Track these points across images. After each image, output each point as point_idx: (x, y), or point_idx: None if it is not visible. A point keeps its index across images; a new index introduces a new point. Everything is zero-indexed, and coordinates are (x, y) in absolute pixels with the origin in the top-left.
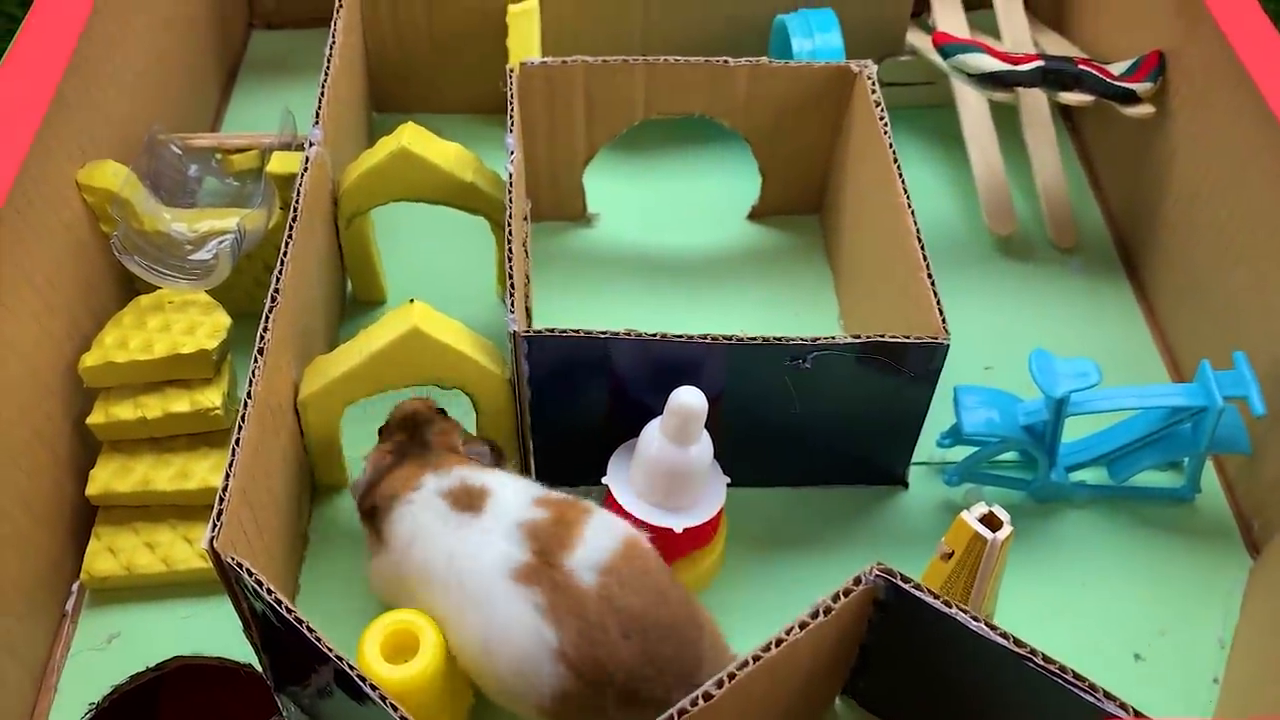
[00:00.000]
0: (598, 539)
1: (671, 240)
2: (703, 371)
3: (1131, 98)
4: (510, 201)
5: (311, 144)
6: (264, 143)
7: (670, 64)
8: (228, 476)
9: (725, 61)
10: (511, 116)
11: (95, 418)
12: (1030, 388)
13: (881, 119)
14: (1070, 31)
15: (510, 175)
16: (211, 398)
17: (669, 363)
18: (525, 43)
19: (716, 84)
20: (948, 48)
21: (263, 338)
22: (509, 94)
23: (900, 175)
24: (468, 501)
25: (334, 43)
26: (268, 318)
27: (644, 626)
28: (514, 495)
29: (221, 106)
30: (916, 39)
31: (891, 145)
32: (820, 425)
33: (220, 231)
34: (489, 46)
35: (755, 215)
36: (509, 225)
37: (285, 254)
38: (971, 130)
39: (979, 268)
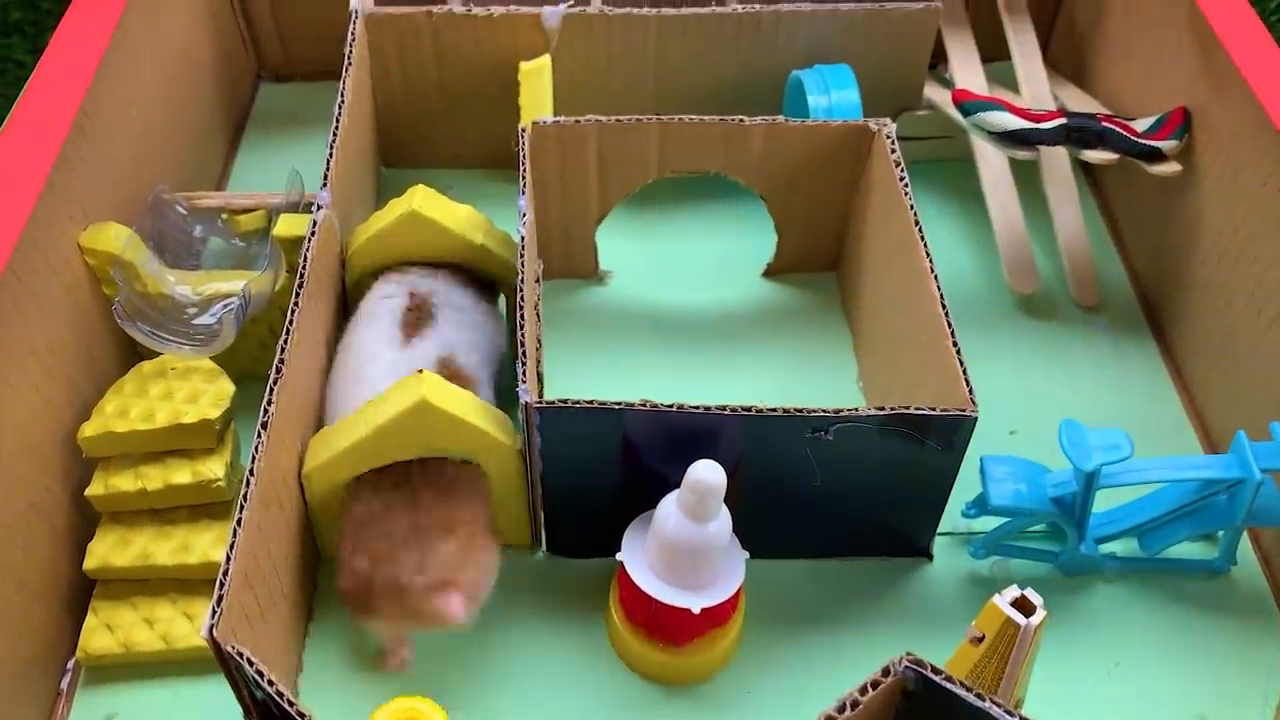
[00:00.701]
0: None
1: (686, 298)
2: (720, 442)
3: (1157, 155)
4: (522, 264)
5: (319, 207)
6: (271, 203)
7: (684, 123)
8: (228, 559)
9: (740, 120)
10: (524, 177)
11: (94, 489)
12: (1057, 453)
13: (901, 179)
14: (1090, 85)
15: (522, 238)
16: (214, 469)
17: (685, 433)
18: (537, 100)
19: (731, 142)
20: (968, 105)
21: (266, 411)
22: (521, 154)
23: (922, 237)
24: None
25: (342, 101)
26: (272, 390)
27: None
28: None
29: (229, 161)
30: (934, 93)
31: (912, 206)
32: (842, 496)
33: (225, 295)
34: (500, 101)
35: (771, 273)
36: (521, 289)
37: (291, 322)
38: (991, 186)
39: (1001, 326)
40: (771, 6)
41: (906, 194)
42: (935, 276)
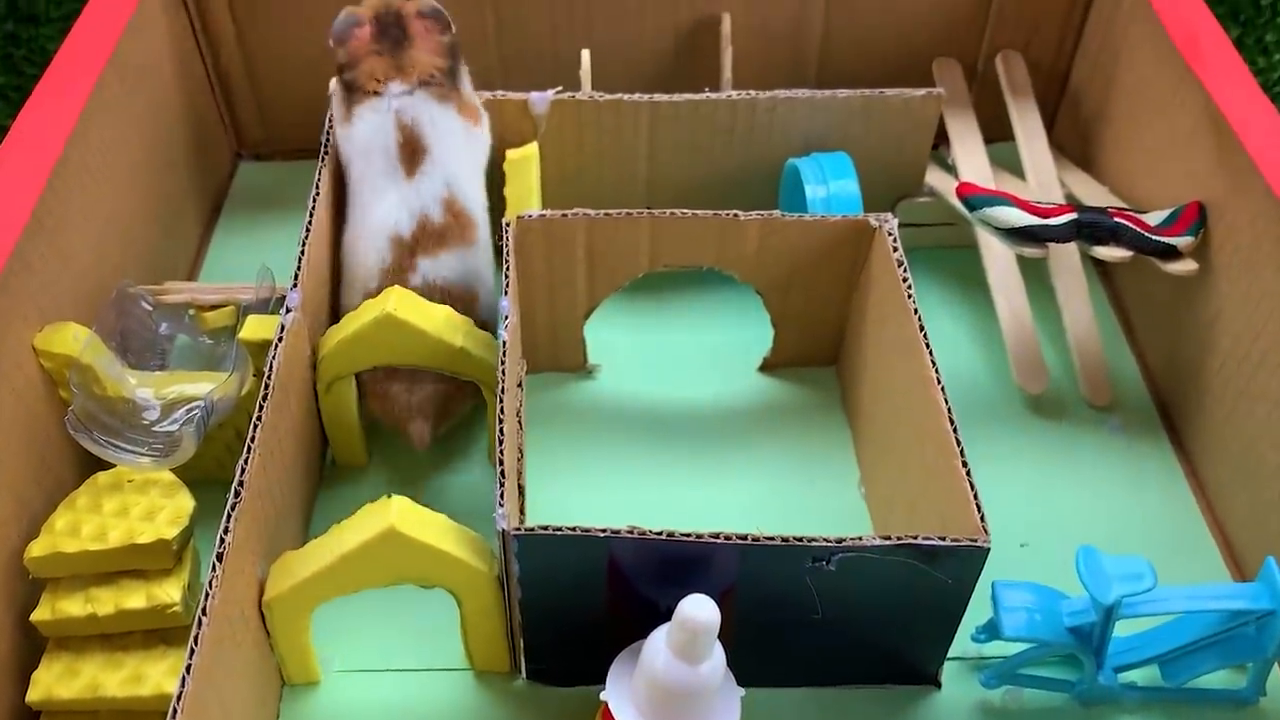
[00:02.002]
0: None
1: (678, 393)
2: (713, 567)
3: (1172, 253)
4: (503, 369)
5: (288, 309)
6: (240, 299)
7: (677, 217)
8: (176, 709)
9: (735, 215)
10: (507, 275)
11: (40, 613)
12: (1070, 567)
13: (904, 279)
14: (1097, 171)
15: (504, 342)
16: (170, 592)
17: (676, 559)
18: (524, 192)
19: (726, 237)
20: (974, 199)
21: (223, 540)
22: (505, 248)
23: (927, 343)
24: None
25: (317, 193)
26: (229, 516)
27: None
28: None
29: (204, 243)
30: (935, 179)
31: (916, 309)
32: (844, 624)
33: (189, 399)
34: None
35: (767, 367)
36: (501, 397)
37: (252, 439)
38: (997, 278)
39: (1008, 426)
40: (767, 93)
41: (910, 295)
42: (942, 388)
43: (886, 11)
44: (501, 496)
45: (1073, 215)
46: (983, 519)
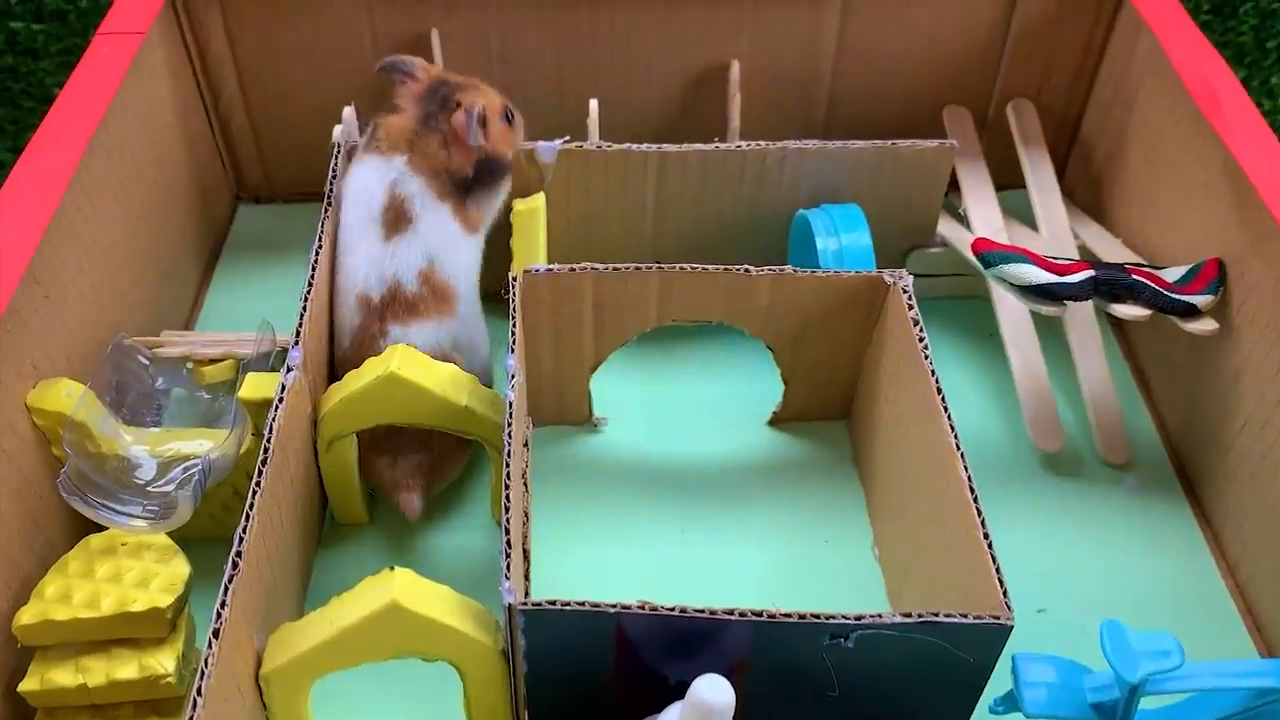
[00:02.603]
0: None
1: (686, 447)
2: (725, 642)
3: (1192, 311)
4: (509, 431)
5: (289, 368)
6: (239, 352)
7: (686, 272)
8: None
9: (745, 269)
10: (513, 331)
11: (29, 684)
12: (1088, 633)
13: (921, 341)
14: (1110, 220)
15: (510, 402)
16: (164, 662)
17: (687, 634)
18: (530, 244)
19: (736, 292)
20: (989, 256)
21: (219, 615)
22: (511, 303)
23: (946, 409)
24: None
25: (320, 246)
26: (226, 589)
27: None
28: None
29: (203, 289)
30: (947, 228)
31: (934, 374)
32: (860, 700)
33: (186, 457)
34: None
35: (777, 421)
36: (507, 460)
37: (251, 506)
38: (1010, 332)
39: (1022, 485)
40: (777, 144)
41: (926, 356)
42: (962, 455)
43: (896, 59)
44: (507, 569)
45: (1090, 272)
46: (1005, 595)
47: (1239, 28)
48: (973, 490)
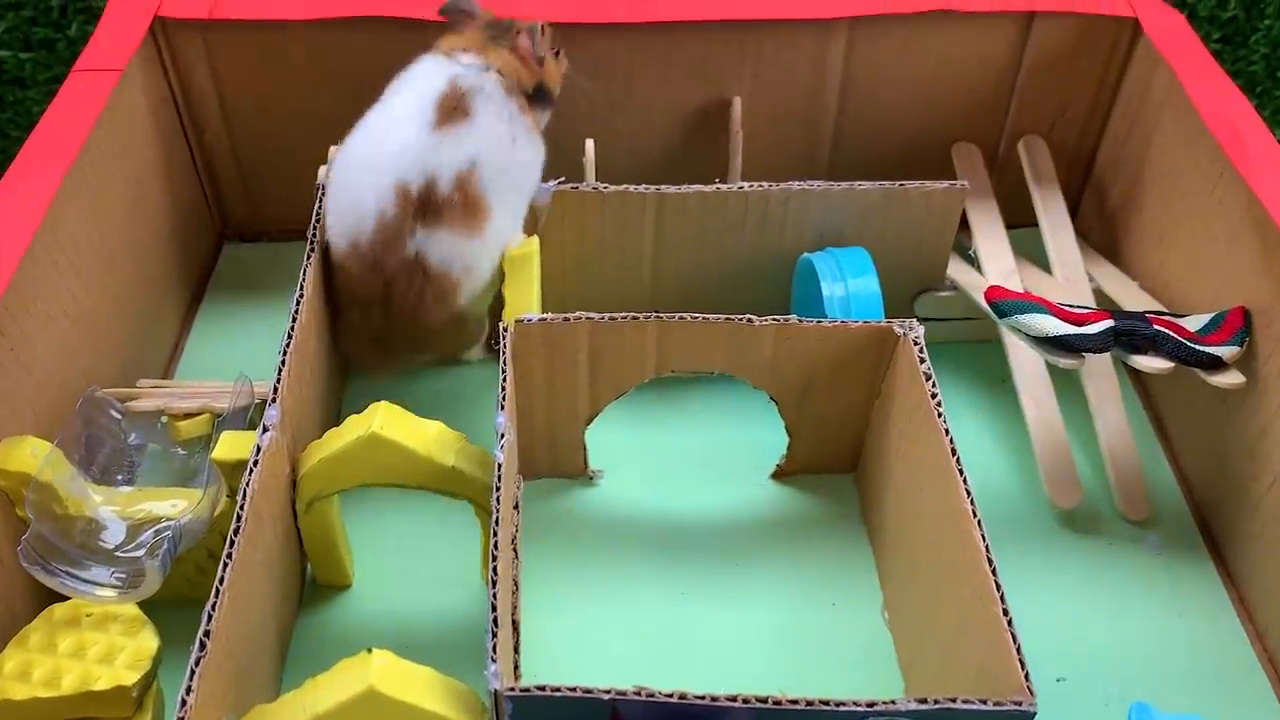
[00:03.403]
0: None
1: (685, 502)
2: None
3: (1217, 364)
4: (498, 494)
5: (265, 428)
6: (215, 407)
7: (686, 322)
8: None
9: (748, 319)
10: (503, 385)
11: None
12: (1110, 703)
13: (934, 397)
14: (1125, 262)
15: (500, 465)
16: None
17: (687, 718)
18: (523, 291)
19: (738, 342)
20: (1003, 305)
21: (184, 702)
22: (502, 354)
23: (961, 471)
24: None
25: (301, 295)
26: (193, 673)
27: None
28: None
29: (184, 329)
30: (957, 271)
31: (949, 433)
32: None
33: (156, 519)
34: None
35: (781, 474)
36: (495, 527)
37: (221, 581)
38: (1024, 381)
39: (1039, 543)
40: (781, 185)
41: (939, 414)
42: (979, 522)
43: (903, 94)
44: (494, 650)
45: (1109, 323)
46: (1027, 677)
47: (1250, 56)
48: (990, 562)
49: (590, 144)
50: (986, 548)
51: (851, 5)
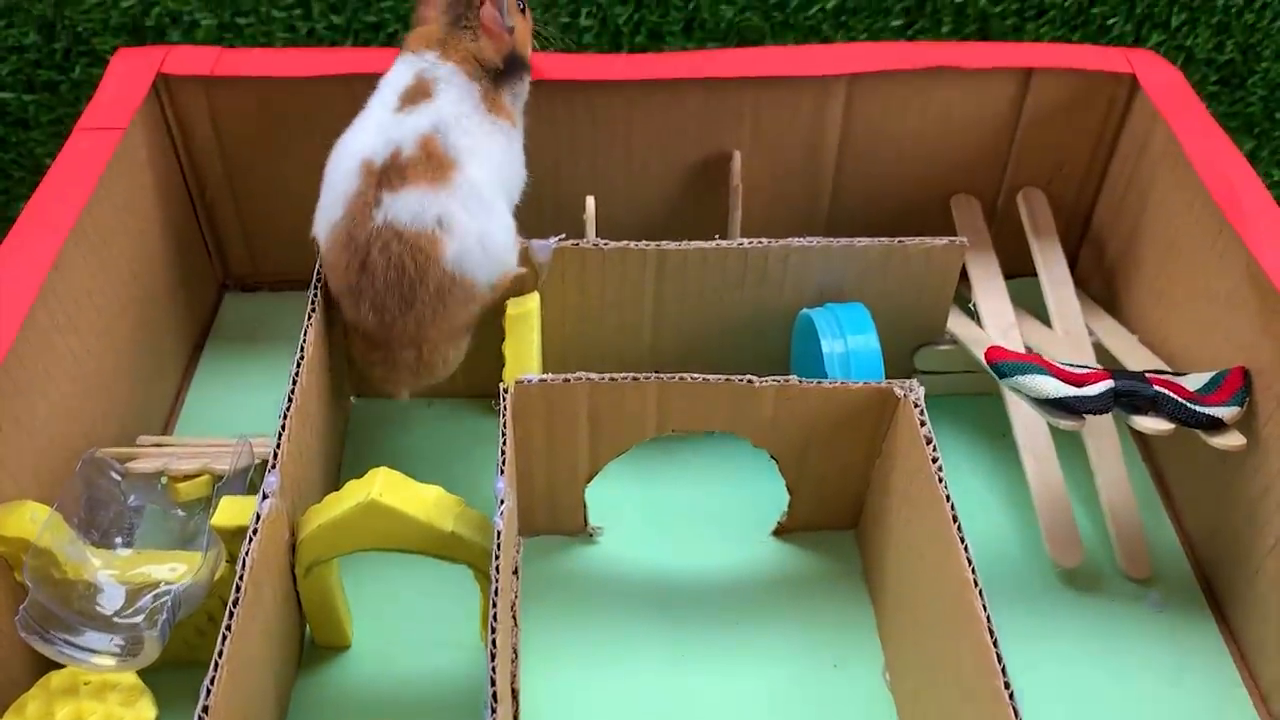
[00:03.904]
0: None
1: (684, 560)
2: None
3: (1217, 425)
4: (498, 561)
5: (265, 495)
6: (216, 469)
7: (686, 382)
8: None
9: (749, 380)
10: (503, 449)
11: None
12: None
13: (935, 461)
14: (1124, 315)
15: (499, 531)
16: None
17: None
18: (523, 350)
19: (739, 402)
20: (1003, 366)
21: None
22: (502, 415)
23: (962, 539)
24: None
25: (302, 356)
26: None
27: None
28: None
29: (185, 381)
30: (957, 325)
31: (949, 499)
32: None
33: (155, 583)
34: (482, 329)
35: (782, 531)
36: (495, 595)
37: (220, 654)
38: (1024, 436)
39: (1040, 601)
40: (780, 242)
41: (940, 479)
42: (980, 591)
43: (903, 147)
44: (492, 713)
45: (1109, 383)
46: None
47: (1248, 98)
48: (992, 633)
49: (591, 201)
50: (988, 618)
51: (850, 63)
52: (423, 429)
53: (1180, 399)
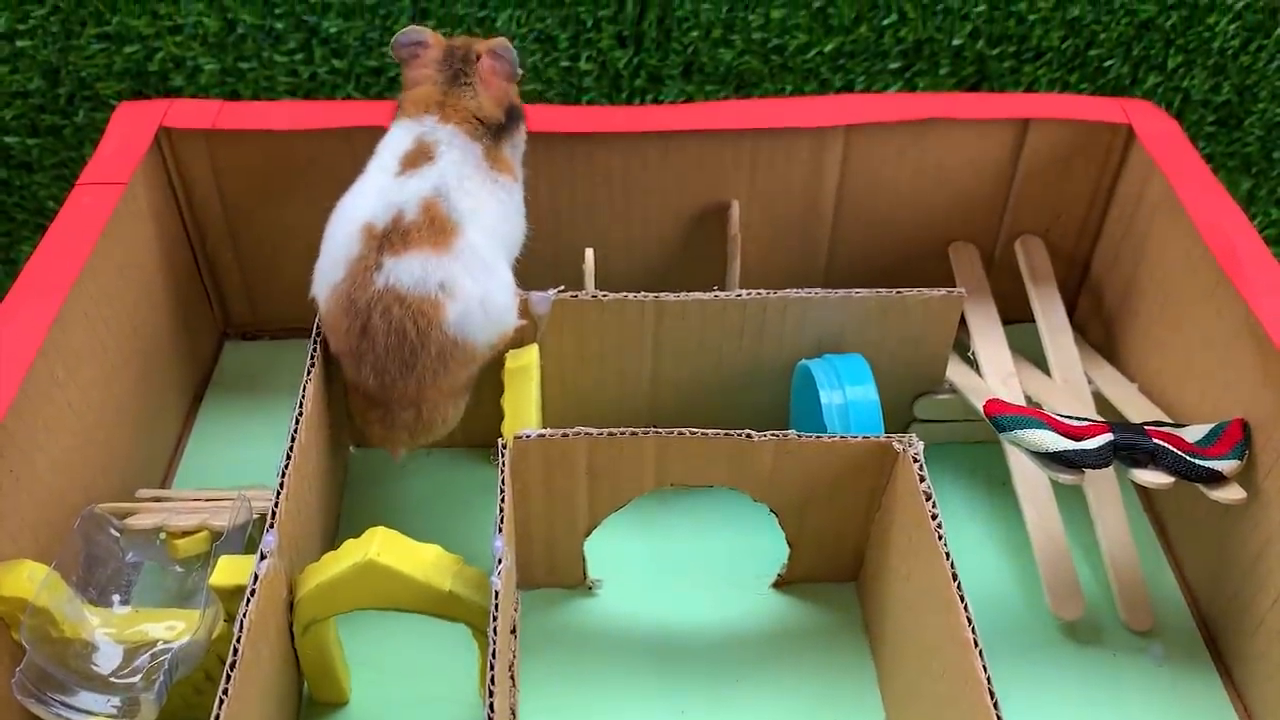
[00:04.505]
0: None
1: (684, 612)
2: None
3: (1217, 478)
4: (495, 622)
5: (263, 555)
6: (215, 525)
7: (685, 437)
8: None
9: (748, 435)
10: (501, 506)
11: None
12: None
13: (934, 518)
14: (1122, 363)
15: (498, 592)
16: None
17: None
18: (522, 404)
19: (738, 457)
20: (1002, 420)
21: None
22: (500, 471)
23: (962, 597)
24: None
25: (300, 413)
26: None
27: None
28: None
29: (184, 433)
30: (956, 374)
31: (949, 556)
32: None
33: (153, 642)
34: (482, 380)
35: (782, 583)
36: (493, 658)
37: (219, 716)
38: (1024, 486)
39: (1040, 653)
40: (779, 293)
41: (940, 536)
42: (980, 652)
43: (899, 198)
44: None
45: (1108, 436)
46: None
47: (1245, 139)
48: (993, 695)
49: (590, 253)
50: (988, 679)
51: (848, 114)
52: (421, 478)
53: (1180, 452)
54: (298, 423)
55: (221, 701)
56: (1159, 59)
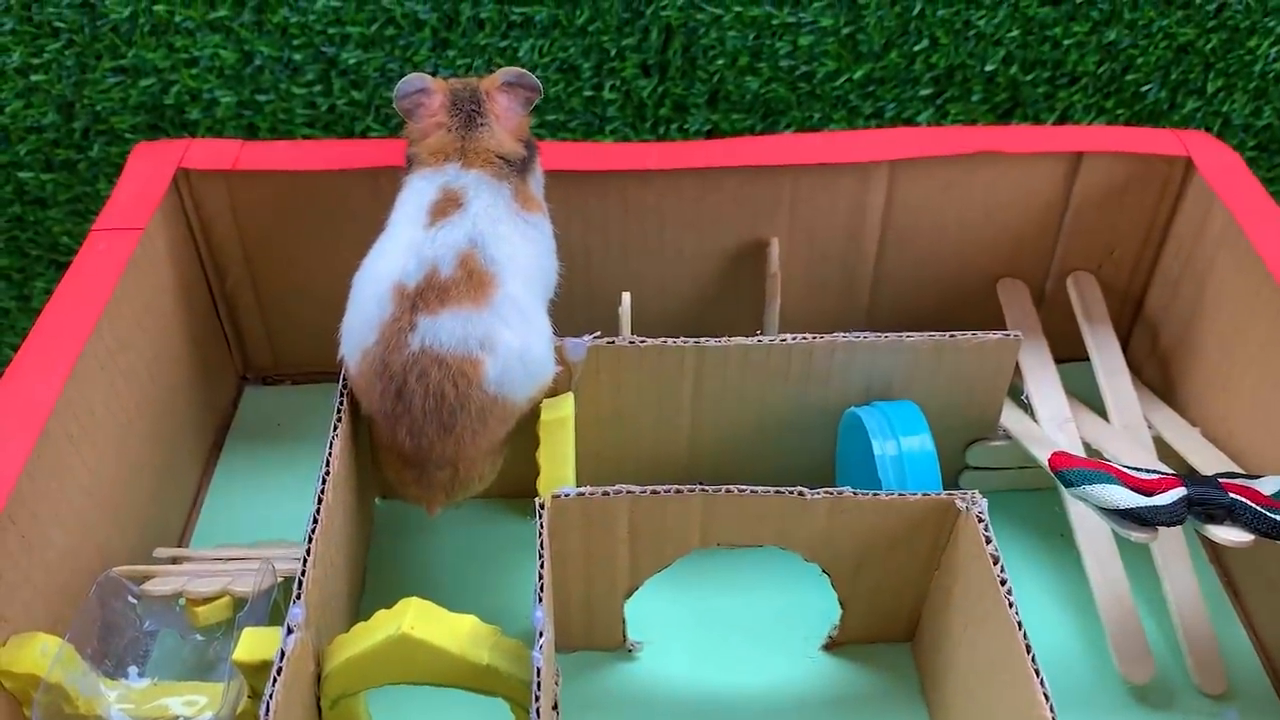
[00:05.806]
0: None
1: (730, 677)
2: None
3: None
4: (538, 699)
5: (290, 630)
6: (237, 591)
7: (732, 495)
8: None
9: (800, 492)
10: (541, 570)
11: None
12: None
13: (1003, 583)
14: (1181, 404)
15: (539, 669)
16: None
17: None
18: (559, 458)
19: (789, 516)
20: (1070, 475)
21: None
22: (539, 531)
23: (1037, 670)
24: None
25: (328, 471)
26: None
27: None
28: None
29: (204, 484)
30: (1011, 420)
31: (1021, 625)
32: None
33: (173, 719)
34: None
35: (833, 646)
36: None
37: None
38: (1086, 540)
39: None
40: (825, 337)
41: (1010, 602)
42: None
43: (945, 233)
44: None
45: (1181, 491)
46: None
47: None
48: None
49: (626, 297)
50: None
51: (892, 149)
52: (450, 531)
53: (1258, 507)
54: (324, 482)
55: None
56: (1198, 83)
